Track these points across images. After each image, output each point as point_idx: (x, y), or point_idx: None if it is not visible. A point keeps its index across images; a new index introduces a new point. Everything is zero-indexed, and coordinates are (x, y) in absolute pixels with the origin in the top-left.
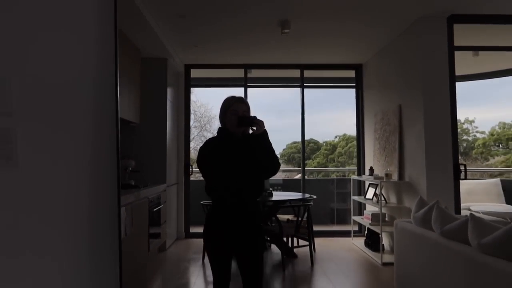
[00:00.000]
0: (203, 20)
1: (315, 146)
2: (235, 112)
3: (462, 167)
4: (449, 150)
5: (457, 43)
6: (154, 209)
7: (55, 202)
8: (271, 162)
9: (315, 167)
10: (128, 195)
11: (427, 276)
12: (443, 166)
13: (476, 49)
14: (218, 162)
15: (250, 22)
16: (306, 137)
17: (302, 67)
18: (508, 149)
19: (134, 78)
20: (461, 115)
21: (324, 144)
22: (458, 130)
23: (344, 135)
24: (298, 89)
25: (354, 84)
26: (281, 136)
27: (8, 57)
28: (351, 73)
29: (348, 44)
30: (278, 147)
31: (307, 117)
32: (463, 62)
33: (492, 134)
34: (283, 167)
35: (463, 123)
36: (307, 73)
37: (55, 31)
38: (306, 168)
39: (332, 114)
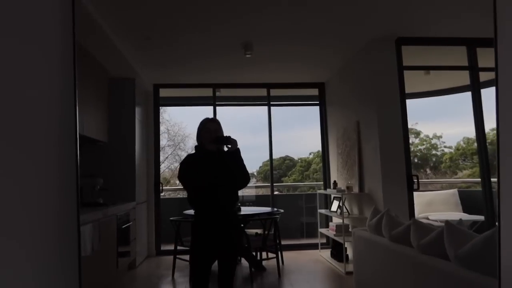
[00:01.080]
0: (168, 41)
1: (291, 163)
2: (208, 131)
3: (414, 178)
4: (403, 163)
5: (410, 62)
6: (123, 226)
7: (14, 218)
8: (243, 175)
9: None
10: (95, 212)
11: (381, 278)
12: (398, 177)
13: (423, 68)
14: (199, 174)
15: (215, 43)
16: (282, 154)
17: (269, 86)
18: (473, 162)
19: (101, 97)
20: (429, 131)
21: (299, 161)
22: (427, 145)
23: (318, 151)
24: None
25: (318, 102)
26: (257, 154)
27: None
28: (315, 91)
29: (310, 64)
30: (254, 165)
31: (281, 134)
32: (418, 80)
33: (458, 149)
34: (258, 183)
35: (431, 139)
36: (274, 92)
37: (14, 43)
38: (279, 184)
39: (306, 131)
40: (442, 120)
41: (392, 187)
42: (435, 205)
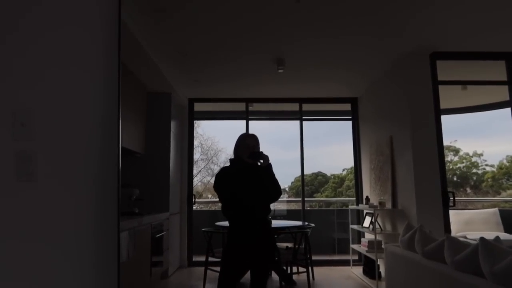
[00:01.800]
0: (203, 57)
1: (323, 179)
2: (247, 146)
3: (451, 195)
4: (438, 179)
5: (446, 77)
6: (157, 235)
7: (62, 222)
8: (274, 189)
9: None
10: (131, 220)
11: None
12: (432, 194)
13: (459, 83)
14: (235, 185)
15: (247, 59)
16: (314, 170)
17: (301, 100)
18: None
19: (140, 111)
20: (469, 148)
21: (332, 177)
22: (467, 163)
23: (352, 168)
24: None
25: (351, 117)
26: (289, 169)
27: (31, 90)
28: (348, 106)
29: (342, 79)
30: (286, 180)
31: (314, 149)
32: (455, 95)
33: (500, 168)
34: (290, 198)
35: (472, 156)
36: (306, 107)
37: (67, 69)
38: (311, 199)
39: (339, 147)
40: (482, 137)
41: (427, 203)
42: (474, 224)
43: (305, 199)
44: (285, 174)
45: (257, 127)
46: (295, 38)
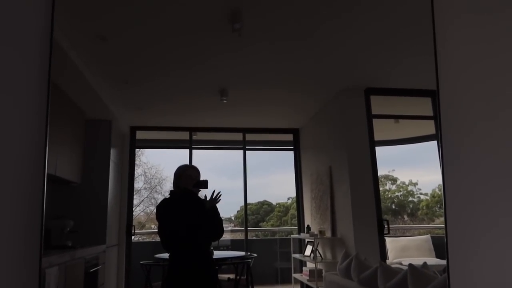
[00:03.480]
0: (146, 85)
1: (269, 208)
2: (189, 177)
3: (385, 223)
4: (373, 207)
5: (380, 111)
6: (91, 270)
7: None
8: (220, 228)
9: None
10: (62, 254)
11: None
12: (368, 222)
13: (391, 117)
14: (177, 218)
15: (191, 89)
16: (260, 199)
17: (244, 130)
18: None
19: (77, 138)
20: (405, 178)
21: (277, 205)
22: (404, 191)
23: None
24: (242, 151)
25: (293, 147)
26: (234, 198)
27: None
28: (290, 137)
29: (284, 110)
30: (232, 209)
31: (259, 178)
32: (389, 128)
33: (433, 196)
34: (236, 227)
35: (408, 185)
36: (250, 137)
37: None
38: (255, 229)
39: (283, 176)
40: (416, 167)
41: (363, 231)
42: (409, 250)
43: (250, 228)
44: (230, 203)
45: (201, 155)
46: (236, 71)
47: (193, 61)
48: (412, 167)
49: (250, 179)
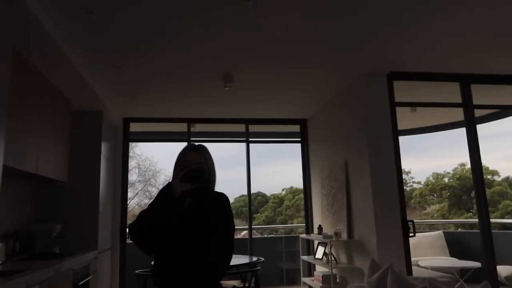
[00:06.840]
0: (141, 70)
1: (263, 199)
2: (186, 163)
3: (410, 223)
4: (397, 206)
5: (398, 98)
6: (80, 283)
7: None
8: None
9: (263, 220)
10: (45, 269)
11: None
12: (392, 222)
13: (415, 105)
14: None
15: (191, 73)
16: (254, 190)
17: (247, 121)
18: (442, 198)
19: (62, 132)
20: None
21: (272, 197)
22: None
23: (291, 188)
24: (243, 143)
25: (300, 139)
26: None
27: None
28: (296, 128)
29: (293, 96)
30: None
31: (253, 169)
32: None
33: (427, 184)
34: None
35: None
36: (252, 128)
37: None
38: (253, 226)
39: (278, 167)
40: (409, 155)
41: (386, 233)
42: (421, 248)
43: (254, 226)
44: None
45: None
46: (245, 51)
47: (197, 41)
48: (404, 155)
49: (243, 170)
